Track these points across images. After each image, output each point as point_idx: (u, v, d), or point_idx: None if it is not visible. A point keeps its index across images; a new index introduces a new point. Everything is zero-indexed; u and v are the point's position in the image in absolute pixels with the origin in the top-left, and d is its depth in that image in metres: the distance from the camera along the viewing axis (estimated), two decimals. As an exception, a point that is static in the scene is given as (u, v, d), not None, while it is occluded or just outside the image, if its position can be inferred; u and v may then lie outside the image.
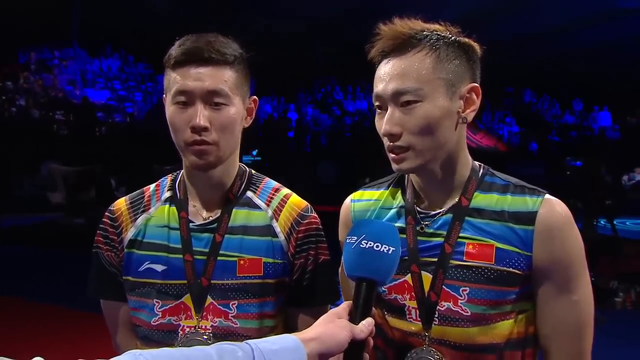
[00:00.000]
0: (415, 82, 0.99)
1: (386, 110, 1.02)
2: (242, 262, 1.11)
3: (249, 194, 1.18)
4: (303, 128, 14.14)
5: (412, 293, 1.06)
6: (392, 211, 1.12)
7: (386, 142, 1.03)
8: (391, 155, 1.03)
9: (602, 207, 7.97)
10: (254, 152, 11.14)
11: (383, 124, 1.02)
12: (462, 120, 1.03)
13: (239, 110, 1.10)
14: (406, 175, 1.14)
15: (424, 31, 1.03)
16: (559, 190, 1.07)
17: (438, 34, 1.03)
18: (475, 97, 1.04)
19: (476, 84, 1.04)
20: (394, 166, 1.04)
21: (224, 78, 1.07)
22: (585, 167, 9.48)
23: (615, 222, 7.99)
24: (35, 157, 9.86)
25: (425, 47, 1.01)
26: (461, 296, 1.02)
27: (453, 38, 1.03)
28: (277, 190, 1.19)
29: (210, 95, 1.06)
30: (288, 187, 1.23)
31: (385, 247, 0.93)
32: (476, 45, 1.05)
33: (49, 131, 11.00)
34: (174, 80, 1.07)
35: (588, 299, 1.02)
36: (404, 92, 0.99)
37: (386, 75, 1.02)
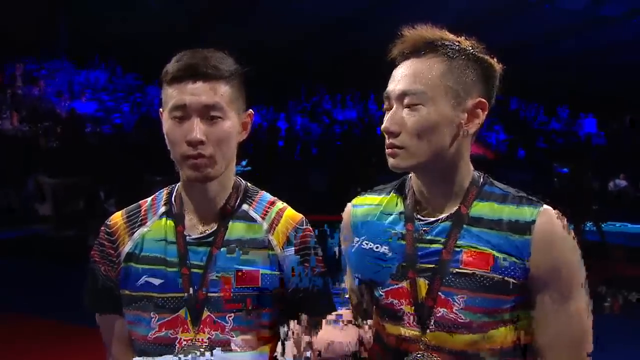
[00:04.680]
0: (421, 85, 1.02)
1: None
2: (238, 274, 1.12)
3: (245, 207, 1.19)
4: (293, 137, 14.16)
5: (410, 299, 1.07)
6: (393, 217, 1.14)
7: (386, 139, 1.06)
8: (387, 151, 1.06)
9: (589, 213, 8.06)
10: (244, 162, 11.11)
11: None
12: (463, 132, 1.05)
13: (234, 124, 1.12)
14: (407, 182, 1.16)
15: (445, 40, 1.05)
16: (546, 196, 1.10)
17: (458, 45, 1.05)
18: (480, 111, 1.06)
19: (483, 99, 1.06)
20: (389, 162, 1.06)
21: (220, 92, 1.08)
22: (572, 174, 9.60)
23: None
24: (22, 169, 9.75)
25: (440, 54, 1.04)
26: (457, 303, 1.03)
27: (472, 52, 1.05)
28: (272, 203, 1.21)
29: (206, 110, 1.07)
30: (278, 197, 1.25)
31: (384, 248, 0.96)
32: (497, 65, 1.08)
33: (36, 143, 10.90)
34: (170, 95, 1.09)
35: (586, 308, 1.03)
36: (409, 93, 1.03)
37: (398, 75, 1.05)
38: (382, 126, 1.05)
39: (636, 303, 5.47)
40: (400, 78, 1.04)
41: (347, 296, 1.23)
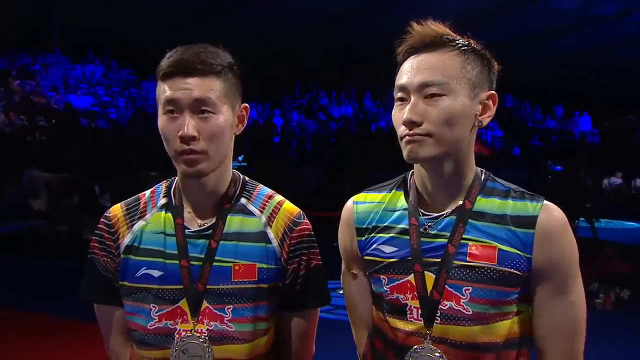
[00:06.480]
0: (442, 77, 1.04)
1: (408, 102, 1.05)
2: (236, 267, 1.14)
3: (243, 200, 1.20)
4: (288, 133, 14.15)
5: (415, 293, 1.09)
6: (396, 213, 1.15)
7: (403, 130, 1.05)
8: (407, 139, 1.05)
9: (583, 210, 8.10)
10: (240, 158, 11.10)
11: (403, 114, 1.05)
12: (477, 123, 1.08)
13: (227, 119, 1.12)
14: (409, 179, 1.17)
15: (453, 36, 1.09)
16: (540, 194, 1.12)
17: (465, 41, 1.09)
18: (492, 104, 1.09)
19: (494, 92, 1.09)
20: (409, 150, 1.05)
21: (211, 87, 1.09)
22: (565, 171, 9.65)
23: (602, 222, 8.13)
24: (16, 164, 9.70)
25: (455, 48, 1.06)
26: (464, 295, 1.05)
27: (478, 47, 1.09)
28: (270, 197, 1.22)
29: (197, 104, 1.08)
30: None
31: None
32: (495, 63, 1.12)
33: (31, 137, 10.85)
34: (163, 91, 1.10)
35: (582, 300, 1.07)
36: (431, 84, 1.04)
37: (413, 68, 1.06)
38: (404, 117, 1.04)
39: (627, 299, 5.52)
40: (416, 70, 1.05)
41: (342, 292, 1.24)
